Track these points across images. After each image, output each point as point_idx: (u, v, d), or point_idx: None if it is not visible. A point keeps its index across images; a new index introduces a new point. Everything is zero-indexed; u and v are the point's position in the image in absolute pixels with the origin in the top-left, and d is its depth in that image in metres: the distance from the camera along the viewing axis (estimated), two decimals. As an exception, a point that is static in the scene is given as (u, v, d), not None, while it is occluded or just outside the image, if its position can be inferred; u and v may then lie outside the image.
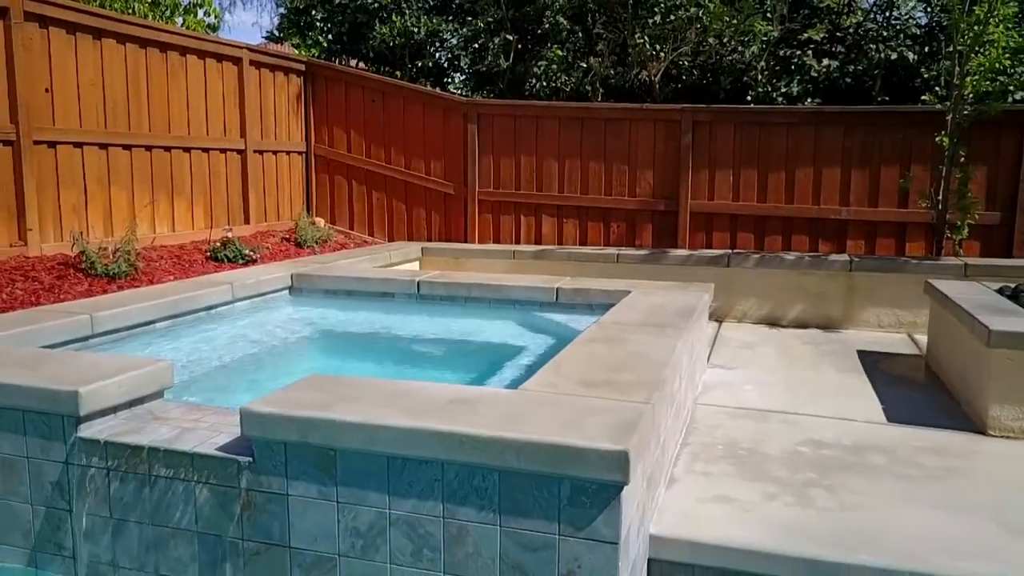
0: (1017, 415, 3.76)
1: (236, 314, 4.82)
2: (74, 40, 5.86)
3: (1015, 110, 6.69)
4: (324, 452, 2.33)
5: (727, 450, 3.50)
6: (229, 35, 9.54)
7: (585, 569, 2.15)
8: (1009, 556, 2.56)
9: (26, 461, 2.71)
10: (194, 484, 2.49)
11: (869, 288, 6.33)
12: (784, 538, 2.66)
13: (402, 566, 2.30)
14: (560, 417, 2.31)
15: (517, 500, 2.17)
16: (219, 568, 2.50)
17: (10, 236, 5.49)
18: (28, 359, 2.97)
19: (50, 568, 2.73)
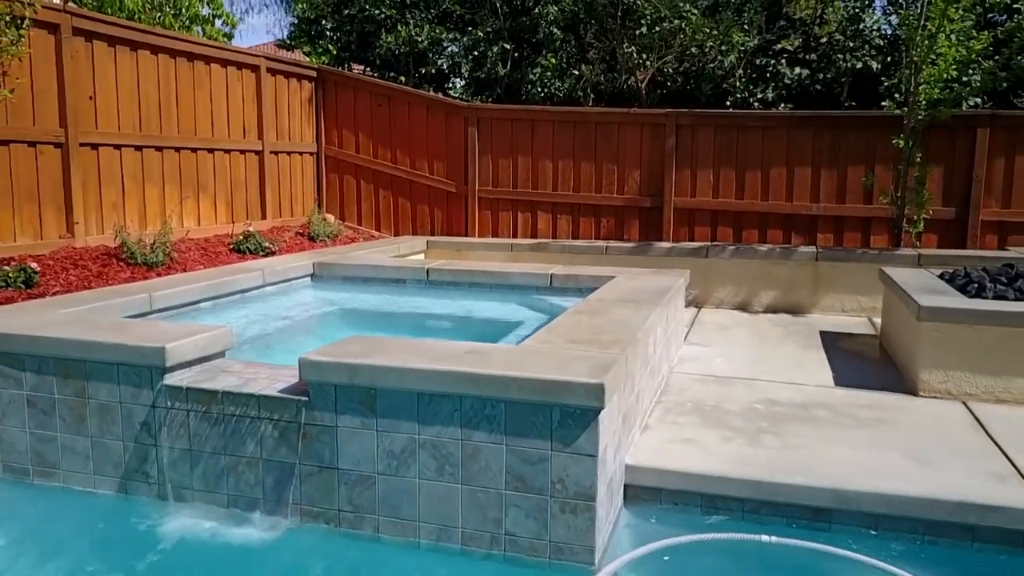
0: (943, 378, 4.40)
1: (267, 296, 5.45)
2: (114, 52, 6.47)
3: (968, 115, 7.35)
4: (366, 391, 2.96)
5: (695, 406, 4.14)
6: (240, 40, 10.15)
7: (571, 478, 2.78)
8: (911, 478, 3.20)
9: (119, 406, 3.33)
10: (260, 420, 3.12)
11: (833, 276, 6.98)
12: (736, 467, 3.30)
13: (428, 480, 2.93)
14: (552, 362, 2.94)
15: (519, 424, 2.81)
16: (281, 488, 3.12)
17: (59, 229, 6.10)
18: (115, 326, 3.59)
19: (137, 493, 3.35)
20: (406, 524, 2.97)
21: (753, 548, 2.98)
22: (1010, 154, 7.31)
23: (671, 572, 2.87)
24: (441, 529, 2.94)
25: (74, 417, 3.40)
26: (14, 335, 3.45)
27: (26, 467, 3.52)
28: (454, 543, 2.93)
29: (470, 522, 2.90)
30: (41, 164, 5.91)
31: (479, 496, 2.88)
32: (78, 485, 3.44)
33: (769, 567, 2.91)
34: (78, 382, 3.37)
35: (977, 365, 4.35)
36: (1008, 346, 4.29)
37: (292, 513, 3.12)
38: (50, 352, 3.40)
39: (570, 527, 2.80)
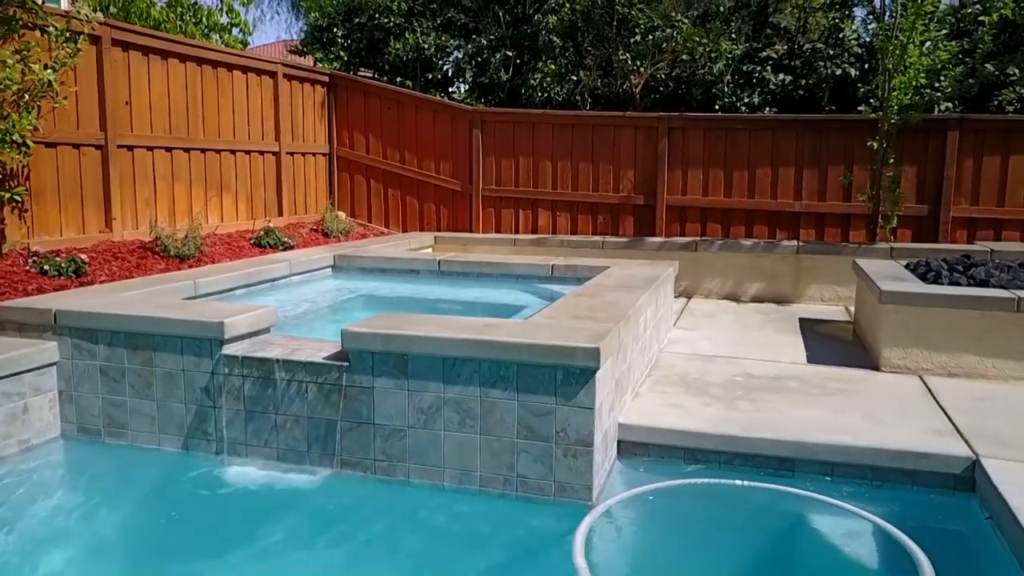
0: (902, 355, 4.94)
1: (293, 285, 5.98)
2: (147, 61, 6.99)
3: (939, 119, 7.90)
4: (399, 357, 3.49)
5: (680, 379, 4.68)
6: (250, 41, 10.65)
7: (572, 427, 3.32)
8: (863, 433, 3.74)
9: (182, 373, 3.86)
10: (306, 384, 3.65)
11: (813, 268, 7.53)
12: (713, 425, 3.84)
13: (451, 432, 3.47)
14: (557, 332, 3.48)
15: (528, 383, 3.34)
16: (324, 441, 3.65)
17: (99, 224, 6.62)
18: (176, 305, 4.13)
19: (198, 449, 3.88)
20: (432, 470, 3.51)
21: (727, 490, 3.51)
22: (978, 155, 7.86)
23: (658, 509, 3.41)
24: (462, 473, 3.47)
25: (142, 384, 3.93)
26: (90, 313, 3.98)
27: (98, 428, 4.05)
28: (473, 485, 3.47)
29: (487, 467, 3.44)
30: (84, 164, 6.43)
31: (495, 444, 3.41)
32: (145, 443, 3.97)
33: (740, 505, 3.45)
34: (146, 353, 3.90)
35: (931, 343, 4.89)
36: (958, 326, 4.83)
37: (334, 463, 3.65)
38: (121, 327, 3.93)
39: (571, 469, 3.34)
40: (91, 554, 3.10)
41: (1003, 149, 7.81)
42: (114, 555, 3.10)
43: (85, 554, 3.10)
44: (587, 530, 3.08)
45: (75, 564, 3.04)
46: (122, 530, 3.30)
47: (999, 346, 4.77)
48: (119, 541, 3.21)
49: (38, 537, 3.20)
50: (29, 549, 3.09)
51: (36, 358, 3.95)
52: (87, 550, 3.13)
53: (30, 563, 2.98)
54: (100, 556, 3.09)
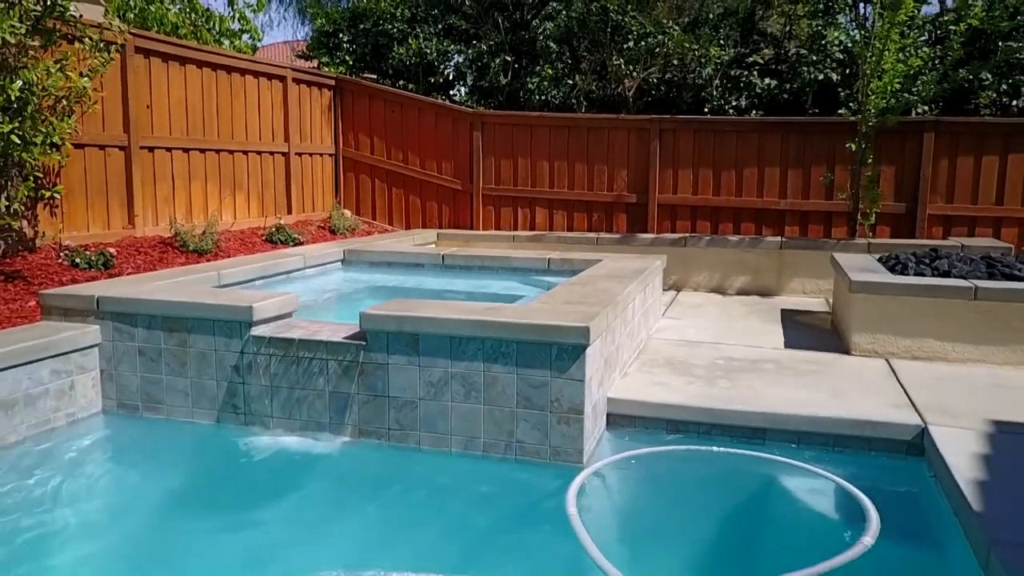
0: (870, 340, 5.36)
1: (307, 277, 6.40)
2: (167, 67, 7.40)
3: (916, 121, 8.33)
4: (411, 336, 3.91)
5: (666, 361, 5.10)
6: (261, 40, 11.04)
7: (565, 397, 3.74)
8: (828, 406, 4.16)
9: (214, 353, 4.27)
10: (327, 361, 4.07)
11: (796, 263, 7.96)
12: (693, 399, 4.26)
13: (458, 403, 3.89)
14: (552, 313, 3.90)
15: (526, 358, 3.76)
16: (343, 413, 4.07)
17: (123, 221, 7.03)
18: (208, 292, 4.54)
19: (228, 422, 4.30)
20: (441, 437, 3.93)
21: (704, 456, 3.93)
22: (952, 156, 8.29)
23: (641, 470, 3.83)
24: (468, 439, 3.89)
25: (177, 362, 4.35)
26: (130, 299, 4.40)
27: (136, 404, 4.47)
28: (477, 450, 3.89)
29: (490, 433, 3.86)
30: (109, 165, 6.84)
31: (496, 414, 3.84)
32: (179, 417, 4.39)
33: (716, 467, 3.87)
34: (181, 335, 4.32)
35: (897, 329, 5.31)
36: (922, 313, 5.25)
37: (352, 432, 4.07)
38: (158, 312, 4.34)
39: (564, 435, 3.76)
40: (134, 509, 3.52)
41: (976, 150, 8.24)
42: (155, 509, 3.51)
43: (129, 509, 3.52)
44: (578, 487, 3.50)
45: (120, 516, 3.45)
46: (161, 489, 3.71)
47: (958, 331, 5.20)
48: (159, 498, 3.62)
49: (88, 493, 3.62)
50: (82, 504, 3.51)
51: (81, 340, 4.37)
52: (131, 505, 3.55)
53: (83, 515, 3.40)
54: (142, 511, 3.50)
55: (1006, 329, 5.12)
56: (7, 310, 4.96)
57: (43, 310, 4.62)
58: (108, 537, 3.29)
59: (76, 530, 3.29)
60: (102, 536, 3.29)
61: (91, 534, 3.29)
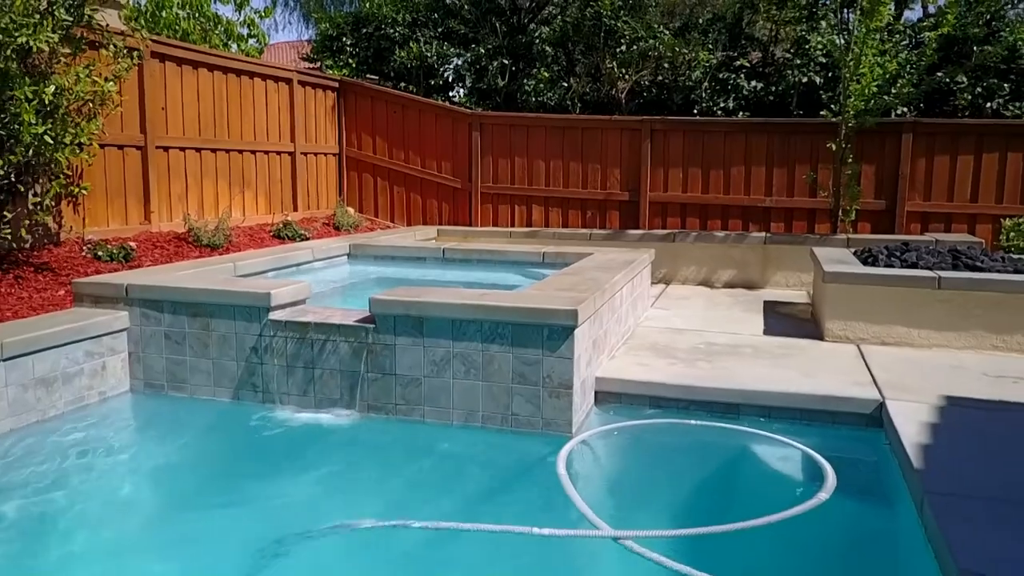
0: (842, 327, 5.75)
1: (316, 269, 6.78)
2: (180, 71, 7.78)
3: (895, 122, 8.74)
4: (416, 319, 4.29)
5: (651, 346, 5.49)
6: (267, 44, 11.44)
7: (556, 373, 4.13)
8: (798, 383, 4.55)
9: (234, 336, 4.66)
10: (339, 343, 4.45)
11: (779, 257, 8.35)
12: (674, 378, 4.65)
13: (459, 379, 4.27)
14: (544, 298, 4.29)
15: (521, 338, 4.15)
16: (354, 390, 4.45)
17: (139, 217, 7.41)
18: (228, 281, 4.93)
19: (247, 399, 4.68)
20: (443, 411, 4.32)
21: (683, 428, 4.32)
22: (929, 155, 8.69)
23: (625, 439, 4.22)
24: (468, 413, 4.28)
25: (200, 345, 4.73)
26: (157, 286, 4.78)
27: (162, 383, 4.85)
28: (476, 423, 4.27)
29: (487, 407, 4.25)
30: (127, 164, 7.22)
31: (494, 389, 4.22)
32: (202, 395, 4.77)
33: (693, 437, 4.26)
34: (204, 319, 4.70)
35: (867, 316, 5.70)
36: (890, 302, 5.64)
37: (361, 408, 4.45)
38: (183, 298, 4.73)
39: (555, 408, 4.15)
40: (163, 476, 3.90)
41: (952, 150, 8.64)
42: (182, 476, 3.89)
43: (159, 476, 3.90)
44: (568, 452, 3.89)
45: (150, 482, 3.84)
46: (187, 458, 4.10)
47: (923, 318, 5.59)
48: (185, 466, 4.01)
49: (122, 461, 4.00)
50: (117, 470, 3.89)
51: (112, 324, 4.75)
52: (160, 473, 3.94)
53: (117, 481, 3.79)
54: (171, 477, 3.89)
55: (967, 316, 5.52)
56: (40, 298, 5.35)
57: (75, 297, 5.00)
58: (141, 497, 3.67)
59: (112, 492, 3.68)
60: (136, 496, 3.68)
61: (126, 495, 3.67)
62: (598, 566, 3.09)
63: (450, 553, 3.08)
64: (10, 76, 4.86)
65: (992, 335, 5.49)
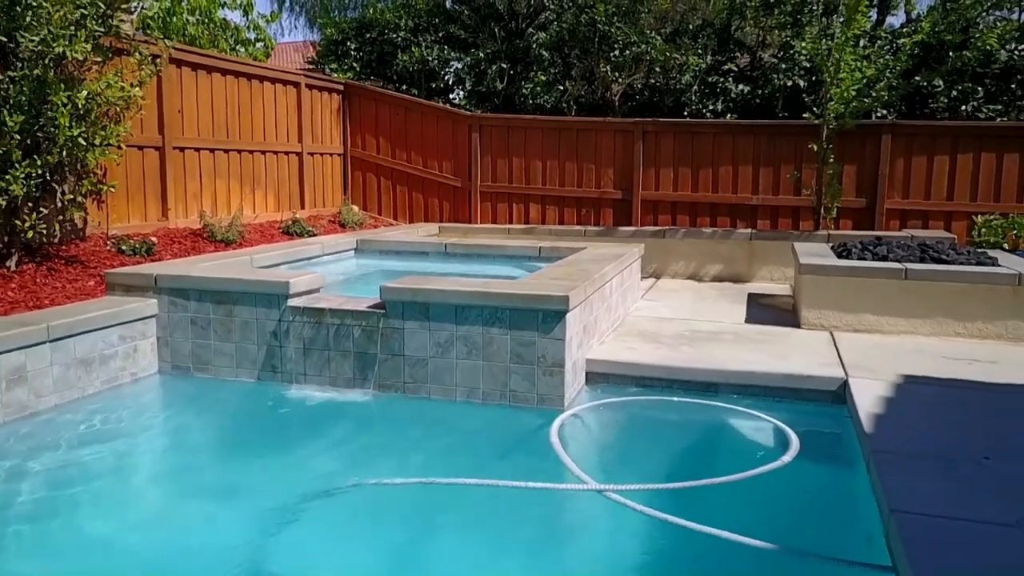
0: (817, 315, 6.18)
1: (325, 262, 7.20)
2: (195, 75, 8.21)
3: (875, 124, 9.17)
4: (423, 305, 4.72)
5: (639, 333, 5.92)
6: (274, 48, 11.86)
7: (549, 353, 4.56)
8: (770, 364, 4.98)
9: (255, 321, 5.08)
10: (352, 327, 4.88)
11: (764, 252, 8.78)
12: (658, 360, 5.08)
13: (461, 360, 4.70)
14: (539, 285, 4.73)
15: (518, 322, 4.58)
16: (366, 370, 4.88)
17: (158, 214, 7.83)
18: (250, 271, 5.36)
19: (267, 380, 5.10)
20: (447, 388, 4.75)
21: (665, 403, 4.75)
22: (907, 156, 9.13)
23: (612, 413, 4.66)
24: (470, 390, 4.71)
25: (223, 330, 5.16)
26: (184, 276, 5.21)
27: (188, 365, 5.28)
28: (478, 399, 4.70)
29: (487, 384, 4.68)
30: (146, 163, 7.64)
31: (493, 368, 4.65)
32: (225, 376, 5.20)
33: (673, 412, 4.69)
34: (227, 306, 5.13)
35: (840, 306, 6.14)
36: (861, 292, 6.07)
37: (373, 386, 4.88)
38: (208, 287, 5.15)
39: (548, 384, 4.58)
40: (191, 448, 4.33)
41: (929, 150, 9.08)
42: (208, 448, 4.32)
43: (187, 448, 4.33)
44: (560, 423, 4.32)
45: (182, 451, 4.27)
46: (212, 432, 4.53)
47: (891, 307, 6.03)
48: (211, 439, 4.44)
49: (155, 434, 4.44)
50: (151, 442, 4.33)
51: (143, 311, 5.18)
52: (188, 445, 4.37)
53: (150, 453, 4.22)
54: (202, 446, 4.32)
55: (931, 304, 5.95)
56: (72, 288, 5.77)
57: (108, 287, 5.43)
58: (173, 466, 4.11)
59: (146, 460, 4.11)
60: (169, 465, 4.11)
61: (159, 464, 4.11)
62: (586, 515, 3.53)
63: (456, 505, 3.51)
64: (48, 83, 5.28)
65: (954, 322, 5.93)
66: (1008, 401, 4.35)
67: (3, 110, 5.12)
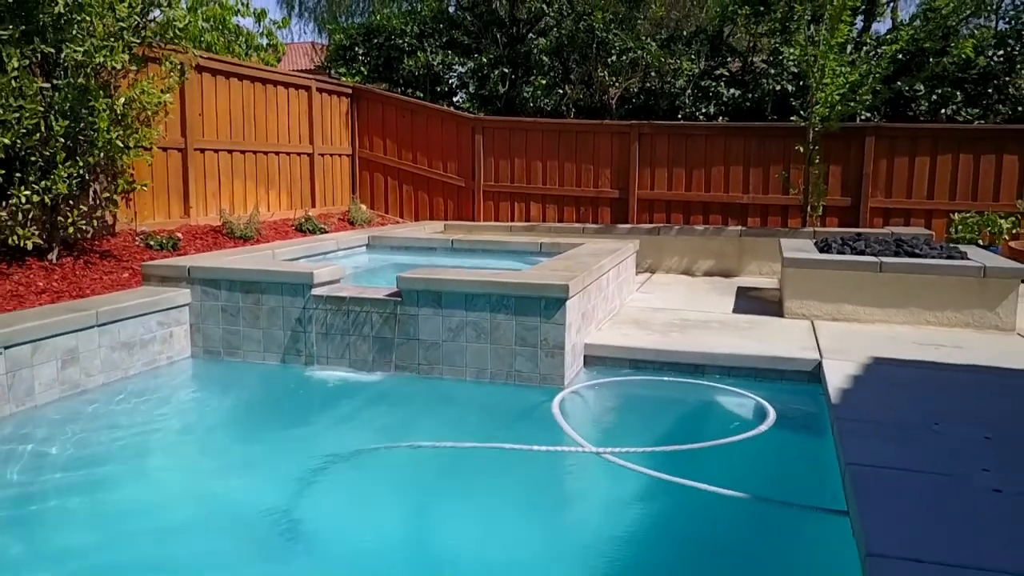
0: (799, 305, 6.65)
1: (339, 257, 7.67)
2: (215, 80, 8.67)
3: (859, 126, 9.65)
4: (435, 293, 5.19)
5: (634, 321, 6.39)
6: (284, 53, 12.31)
7: (551, 337, 5.03)
8: (753, 348, 5.45)
9: (281, 309, 5.55)
10: (371, 313, 5.35)
11: (754, 248, 9.26)
12: (650, 344, 5.55)
13: (471, 343, 5.17)
14: (541, 276, 5.20)
15: (523, 308, 5.05)
16: (383, 352, 5.34)
17: (180, 212, 8.29)
18: (275, 263, 5.82)
19: (292, 362, 5.57)
20: (458, 369, 5.22)
21: (656, 383, 5.22)
22: (890, 157, 9.61)
23: (607, 390, 5.13)
24: (478, 370, 5.18)
25: (252, 317, 5.63)
26: (215, 267, 5.67)
27: (218, 350, 5.74)
28: (485, 378, 5.17)
29: (495, 365, 5.15)
30: (169, 164, 8.10)
31: (500, 350, 5.12)
32: (253, 359, 5.66)
33: (663, 390, 5.16)
34: (255, 295, 5.59)
35: (821, 296, 6.60)
36: (840, 283, 6.54)
37: (390, 367, 5.35)
38: (238, 278, 5.62)
39: (550, 365, 5.05)
40: (221, 422, 4.80)
41: (910, 152, 9.56)
42: (238, 422, 4.78)
43: (218, 422, 4.80)
44: (560, 399, 4.79)
45: (211, 427, 4.73)
46: (242, 409, 4.99)
47: (868, 297, 6.49)
48: (240, 414, 4.90)
49: (191, 409, 4.90)
50: (187, 416, 4.79)
51: (178, 299, 5.64)
52: (219, 420, 4.83)
53: (192, 424, 4.68)
54: (235, 418, 4.79)
55: (904, 295, 6.42)
56: (108, 279, 6.23)
57: (144, 278, 5.89)
58: (213, 434, 4.58)
59: (184, 433, 4.58)
60: (209, 434, 4.58)
61: (200, 433, 4.58)
62: (584, 473, 4.00)
63: (466, 466, 3.98)
64: (89, 90, 5.74)
65: (926, 311, 6.40)
66: (964, 379, 4.82)
67: (50, 116, 5.58)
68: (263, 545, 3.19)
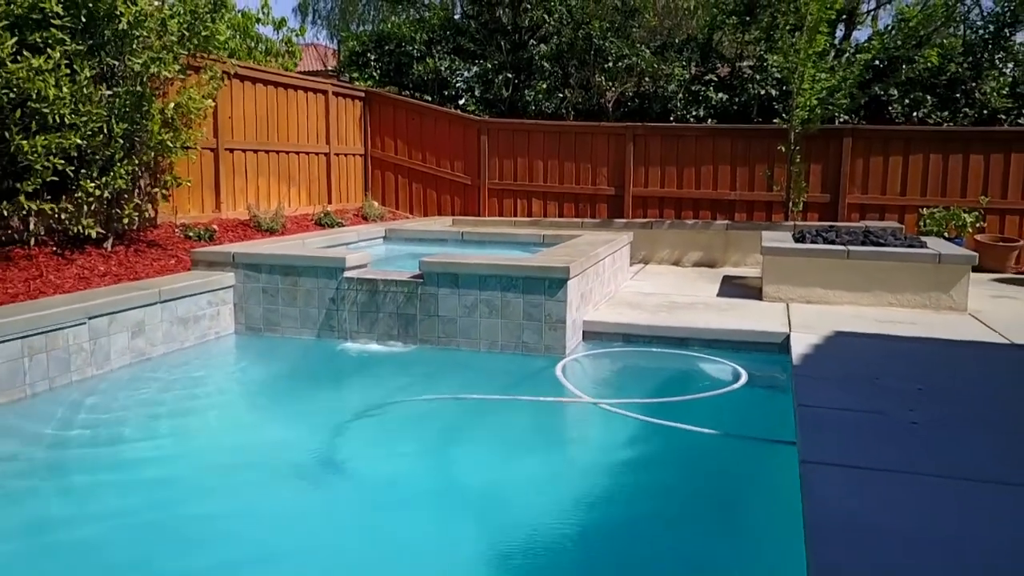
0: (776, 289, 7.41)
1: (360, 247, 8.41)
2: (243, 86, 9.42)
3: (837, 128, 10.41)
4: (453, 275, 5.94)
5: (627, 303, 7.14)
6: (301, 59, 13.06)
7: (554, 312, 5.78)
8: (733, 324, 6.21)
9: (316, 290, 6.30)
10: (396, 293, 6.10)
11: (739, 241, 10.02)
12: (641, 320, 6.31)
13: (484, 318, 5.92)
14: (545, 260, 5.96)
15: (529, 288, 5.80)
16: (407, 327, 6.09)
17: (212, 206, 9.04)
18: (309, 250, 6.57)
19: (326, 337, 6.31)
20: (473, 341, 5.97)
21: (646, 353, 5.98)
22: (866, 156, 10.37)
23: (604, 358, 5.89)
24: (491, 342, 5.94)
25: (289, 297, 6.38)
26: (257, 253, 6.43)
27: (259, 327, 6.49)
28: (497, 349, 5.93)
29: (505, 338, 5.90)
30: (203, 163, 8.85)
31: (509, 325, 5.88)
32: (290, 335, 6.41)
33: (652, 359, 5.92)
34: (293, 278, 6.34)
35: (795, 281, 7.36)
36: (812, 270, 7.30)
37: (413, 341, 6.10)
38: (278, 263, 6.37)
39: (553, 337, 5.80)
40: (268, 384, 5.55)
41: (884, 152, 10.33)
42: (281, 385, 5.54)
43: (264, 385, 5.55)
44: (563, 364, 5.55)
45: (259, 389, 5.48)
46: (285, 374, 5.74)
47: (837, 282, 7.25)
48: (283, 379, 5.66)
49: (238, 376, 5.65)
50: (235, 382, 5.54)
51: (224, 282, 6.39)
52: (265, 383, 5.59)
53: (233, 390, 5.44)
54: (273, 385, 5.54)
55: (870, 280, 7.18)
56: (158, 266, 6.98)
57: (193, 263, 6.64)
58: (261, 394, 5.33)
59: (234, 395, 5.34)
60: (257, 394, 5.33)
61: (247, 395, 5.33)
62: (583, 419, 4.76)
63: (485, 413, 4.74)
64: (145, 97, 6.49)
65: (888, 294, 7.16)
66: (912, 347, 5.59)
67: (111, 120, 6.33)
68: (302, 470, 3.93)
